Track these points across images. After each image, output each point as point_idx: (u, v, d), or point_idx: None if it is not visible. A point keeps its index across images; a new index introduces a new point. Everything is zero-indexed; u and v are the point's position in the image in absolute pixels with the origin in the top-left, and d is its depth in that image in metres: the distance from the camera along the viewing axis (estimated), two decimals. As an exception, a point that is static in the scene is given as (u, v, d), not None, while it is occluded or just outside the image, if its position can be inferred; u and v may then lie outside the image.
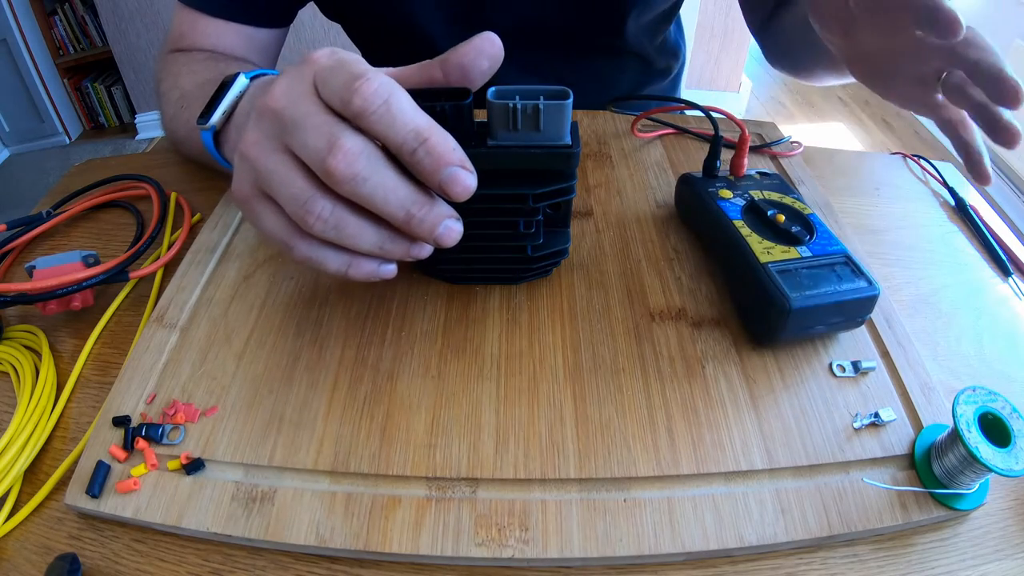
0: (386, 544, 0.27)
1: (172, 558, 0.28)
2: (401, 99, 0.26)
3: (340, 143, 0.25)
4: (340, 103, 0.26)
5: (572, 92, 0.30)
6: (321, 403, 0.33)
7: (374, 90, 0.25)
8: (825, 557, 0.28)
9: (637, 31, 0.64)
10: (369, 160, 0.26)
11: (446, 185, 0.27)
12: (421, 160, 0.26)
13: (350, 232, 0.28)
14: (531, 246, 0.36)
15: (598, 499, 0.29)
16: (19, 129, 2.44)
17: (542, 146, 0.31)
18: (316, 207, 0.27)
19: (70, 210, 0.48)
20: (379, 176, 0.26)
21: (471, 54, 0.28)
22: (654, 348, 0.35)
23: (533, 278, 0.39)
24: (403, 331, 0.36)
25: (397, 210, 0.27)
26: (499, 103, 0.30)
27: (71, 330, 0.40)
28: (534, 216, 0.35)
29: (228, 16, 0.54)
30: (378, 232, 0.28)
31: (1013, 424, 0.28)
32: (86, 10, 2.31)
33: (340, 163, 0.25)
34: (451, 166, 0.26)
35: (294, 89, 0.27)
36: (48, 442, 0.33)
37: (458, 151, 0.27)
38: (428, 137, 0.26)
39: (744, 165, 0.43)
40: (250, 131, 0.28)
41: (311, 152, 0.26)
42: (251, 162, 0.28)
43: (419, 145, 0.26)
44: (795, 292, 0.33)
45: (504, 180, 0.32)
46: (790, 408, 0.33)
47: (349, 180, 0.26)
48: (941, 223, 0.49)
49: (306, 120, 0.26)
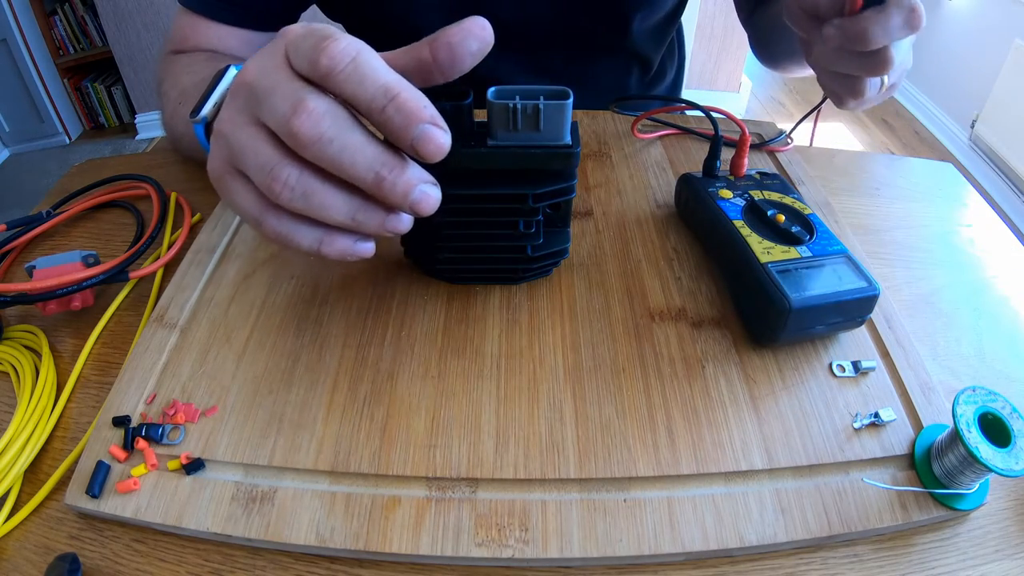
0: (386, 544, 0.27)
1: (172, 558, 0.28)
2: (369, 57, 0.25)
3: (304, 104, 0.25)
4: (308, 65, 0.25)
5: (572, 92, 0.30)
6: (321, 403, 0.33)
7: (342, 48, 0.24)
8: (825, 557, 0.28)
9: (642, 32, 0.64)
10: (335, 120, 0.25)
11: (418, 144, 0.25)
12: (391, 118, 0.25)
13: (319, 200, 0.27)
14: (531, 246, 0.36)
15: (598, 499, 0.29)
16: (19, 129, 2.44)
17: (542, 146, 0.31)
18: (283, 174, 0.26)
19: (70, 210, 0.48)
20: (345, 136, 0.25)
21: (460, 35, 0.27)
22: (654, 348, 0.35)
23: (533, 278, 0.39)
24: (403, 331, 0.36)
25: (365, 172, 0.26)
26: (499, 103, 0.30)
27: (71, 330, 0.40)
28: (534, 216, 0.35)
29: (229, 21, 0.54)
30: (349, 200, 0.27)
31: (1013, 424, 0.28)
32: (86, 10, 2.31)
33: (304, 123, 0.25)
34: (422, 123, 0.25)
35: (265, 63, 0.27)
36: (48, 442, 0.33)
37: (429, 108, 0.25)
38: (398, 93, 0.25)
39: (744, 165, 0.43)
40: (225, 108, 0.28)
41: (277, 117, 0.25)
42: (224, 138, 0.28)
43: (388, 102, 0.25)
44: (795, 292, 0.33)
45: (504, 180, 0.32)
46: (790, 408, 0.33)
47: (315, 141, 0.25)
48: (941, 223, 0.49)
49: (275, 88, 0.26)
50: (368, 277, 0.40)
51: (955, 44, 2.35)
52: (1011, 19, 2.05)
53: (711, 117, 0.44)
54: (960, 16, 2.34)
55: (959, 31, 2.35)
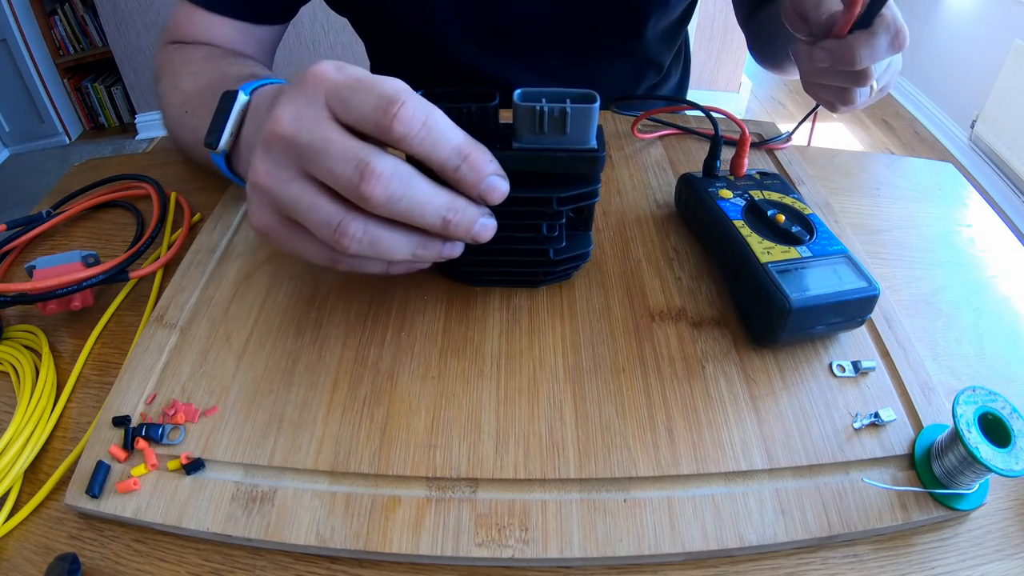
0: (386, 544, 0.27)
1: (172, 558, 0.28)
2: (438, 119, 0.27)
3: (371, 168, 0.26)
4: (375, 128, 0.26)
5: (598, 95, 0.30)
6: (321, 403, 0.33)
7: (412, 114, 0.26)
8: (825, 557, 0.28)
9: (655, 35, 0.64)
10: (402, 179, 0.26)
11: (486, 195, 0.28)
12: (464, 176, 0.27)
13: (385, 247, 0.29)
14: (553, 249, 0.36)
15: (598, 499, 0.29)
16: (19, 129, 2.44)
17: (568, 149, 0.31)
18: (350, 229, 0.27)
19: (70, 210, 0.48)
20: (414, 192, 0.27)
21: None
22: (654, 348, 0.35)
23: (553, 281, 0.39)
24: (403, 331, 0.36)
25: (434, 219, 0.28)
26: (526, 105, 0.29)
27: (71, 330, 0.40)
28: (557, 219, 0.35)
29: (228, 12, 0.53)
30: (412, 239, 0.29)
31: (1013, 424, 0.28)
32: (86, 10, 2.31)
33: (375, 188, 0.26)
34: (490, 176, 0.28)
35: (305, 113, 0.27)
36: (48, 442, 0.33)
37: (494, 162, 0.28)
38: (469, 153, 0.27)
39: (744, 165, 0.43)
40: (260, 161, 0.28)
41: (340, 180, 0.26)
42: (268, 192, 0.28)
43: (462, 162, 0.27)
44: (795, 292, 0.33)
45: (528, 183, 0.32)
46: (790, 408, 0.33)
47: (386, 202, 0.26)
48: (941, 223, 0.49)
49: (328, 147, 0.26)
50: (368, 277, 0.40)
51: (955, 44, 2.35)
52: (1011, 19, 2.05)
53: (711, 117, 0.44)
54: (960, 16, 2.34)
55: (959, 31, 2.35)
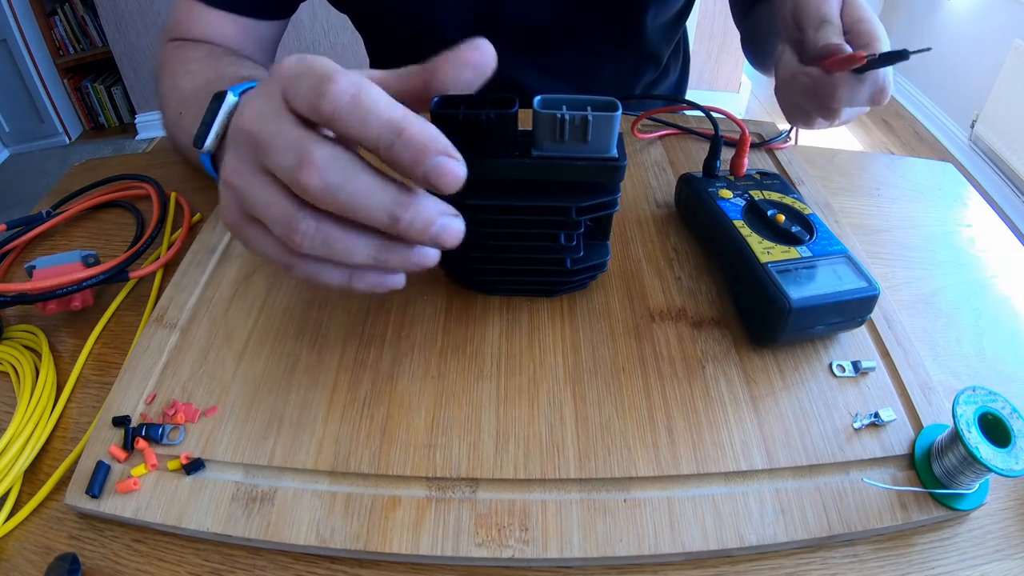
0: (386, 544, 0.27)
1: (172, 558, 0.28)
2: (371, 92, 0.24)
3: (308, 155, 0.24)
4: (309, 109, 0.24)
5: (620, 104, 0.29)
6: (321, 403, 0.33)
7: (340, 89, 0.23)
8: (825, 557, 0.28)
9: (655, 29, 0.64)
10: (342, 168, 0.24)
11: (432, 178, 0.24)
12: (400, 154, 0.24)
13: (340, 247, 0.26)
14: (571, 259, 0.35)
15: (598, 499, 0.29)
16: (19, 129, 2.44)
17: (588, 158, 0.30)
18: (300, 226, 0.26)
19: (70, 210, 0.48)
20: (354, 182, 0.24)
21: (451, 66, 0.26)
22: (654, 348, 0.35)
23: (569, 291, 0.39)
24: (403, 331, 0.36)
25: (380, 215, 0.25)
26: (546, 113, 0.29)
27: (71, 330, 0.40)
28: (576, 229, 0.34)
29: (227, 7, 0.53)
30: (370, 242, 0.27)
31: (1013, 424, 0.28)
32: (86, 10, 2.31)
33: (312, 176, 0.24)
34: (434, 156, 0.24)
35: (264, 107, 0.26)
36: (48, 442, 0.33)
37: (440, 139, 0.24)
38: (405, 128, 0.24)
39: (744, 165, 0.43)
40: (229, 158, 0.28)
41: (284, 170, 0.25)
42: (234, 189, 0.27)
43: (396, 138, 0.24)
44: (795, 292, 0.33)
45: (546, 191, 0.32)
46: (790, 408, 0.33)
47: (323, 192, 0.24)
48: (941, 223, 0.49)
49: (277, 138, 0.25)
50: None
51: (955, 44, 2.35)
52: (1011, 19, 2.05)
53: (711, 117, 0.44)
54: (960, 16, 2.34)
55: (959, 31, 2.35)
